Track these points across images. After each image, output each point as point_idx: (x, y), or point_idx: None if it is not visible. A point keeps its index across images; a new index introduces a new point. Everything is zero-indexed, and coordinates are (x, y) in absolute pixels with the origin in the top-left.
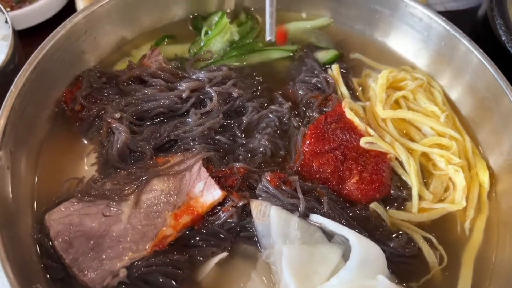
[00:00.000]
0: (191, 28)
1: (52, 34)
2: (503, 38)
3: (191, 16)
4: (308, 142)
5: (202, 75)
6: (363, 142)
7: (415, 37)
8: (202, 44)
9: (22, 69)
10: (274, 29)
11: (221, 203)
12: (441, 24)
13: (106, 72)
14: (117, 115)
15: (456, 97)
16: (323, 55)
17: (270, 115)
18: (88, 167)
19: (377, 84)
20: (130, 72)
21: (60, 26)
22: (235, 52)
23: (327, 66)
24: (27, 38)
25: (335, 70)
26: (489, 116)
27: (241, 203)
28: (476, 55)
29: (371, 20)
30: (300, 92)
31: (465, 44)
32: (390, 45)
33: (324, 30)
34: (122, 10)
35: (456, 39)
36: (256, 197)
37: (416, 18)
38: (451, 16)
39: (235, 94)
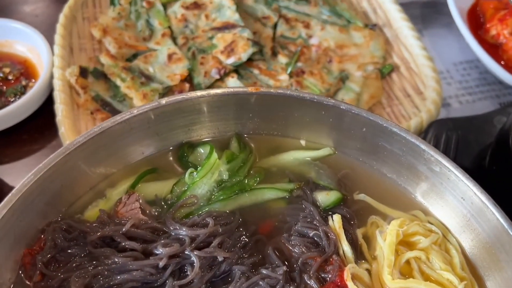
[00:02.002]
0: (172, 160)
1: (8, 198)
2: None
3: (171, 148)
4: None
5: (183, 232)
6: None
7: (426, 181)
8: (185, 188)
9: None
10: None
11: None
12: (461, 178)
13: (74, 226)
14: None
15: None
16: (324, 198)
17: (261, 283)
18: None
19: (385, 242)
20: (102, 232)
21: (19, 186)
22: (223, 196)
23: (328, 212)
24: None
25: (337, 223)
26: None
27: None
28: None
29: (378, 155)
30: (296, 249)
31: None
32: (399, 182)
33: (325, 161)
34: (97, 148)
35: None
36: None
37: (433, 165)
38: (468, 123)
39: (220, 258)
